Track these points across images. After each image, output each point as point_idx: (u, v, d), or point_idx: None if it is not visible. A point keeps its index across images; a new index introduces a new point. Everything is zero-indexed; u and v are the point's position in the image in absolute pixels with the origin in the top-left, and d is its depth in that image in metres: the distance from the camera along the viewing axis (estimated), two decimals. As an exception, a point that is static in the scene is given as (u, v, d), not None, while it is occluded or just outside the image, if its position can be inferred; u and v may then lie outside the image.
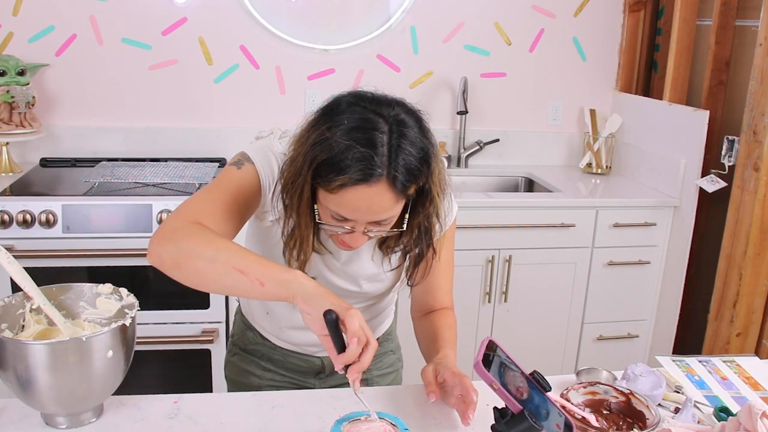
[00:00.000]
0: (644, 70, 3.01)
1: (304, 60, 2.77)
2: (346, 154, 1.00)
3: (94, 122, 2.69)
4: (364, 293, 1.28)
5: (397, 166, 1.01)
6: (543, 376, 1.03)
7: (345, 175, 1.00)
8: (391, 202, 1.04)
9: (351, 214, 1.05)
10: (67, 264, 2.19)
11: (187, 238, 1.02)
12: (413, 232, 1.16)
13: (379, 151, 1.00)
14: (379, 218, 1.06)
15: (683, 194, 2.56)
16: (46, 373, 0.98)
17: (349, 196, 1.02)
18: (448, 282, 1.34)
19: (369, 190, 1.01)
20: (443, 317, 1.31)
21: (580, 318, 2.67)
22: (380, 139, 1.01)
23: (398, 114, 1.05)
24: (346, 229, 1.08)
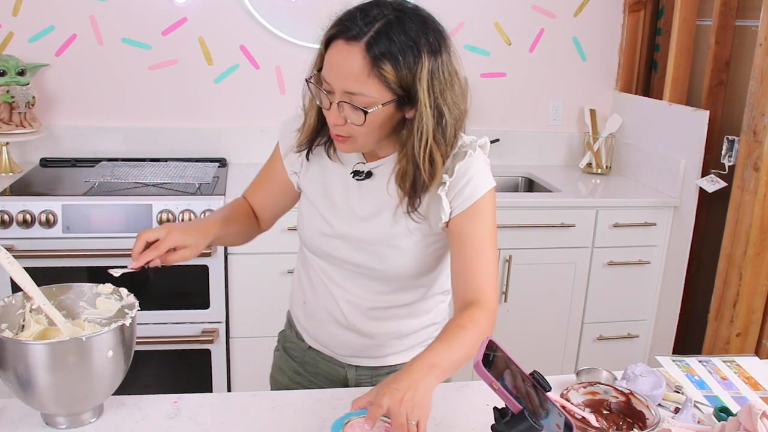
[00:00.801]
0: (644, 70, 3.01)
1: (304, 60, 2.74)
2: (342, 15, 1.09)
3: (94, 122, 2.69)
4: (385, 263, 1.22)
5: (378, 35, 1.04)
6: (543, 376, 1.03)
7: (334, 29, 1.07)
8: (362, 69, 1.04)
9: (328, 74, 1.08)
10: (67, 264, 2.19)
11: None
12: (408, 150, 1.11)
13: (369, 18, 1.05)
14: (349, 86, 1.06)
15: (683, 194, 2.56)
16: (46, 373, 0.98)
17: (331, 52, 1.07)
18: (485, 268, 1.16)
19: (347, 47, 1.05)
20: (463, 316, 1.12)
21: (580, 318, 2.67)
22: (376, 12, 1.06)
23: (407, 6, 1.09)
24: (328, 101, 1.10)
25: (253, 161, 2.81)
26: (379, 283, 1.26)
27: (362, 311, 1.28)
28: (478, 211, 1.17)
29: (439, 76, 1.08)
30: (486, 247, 1.18)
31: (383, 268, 1.23)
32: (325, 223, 1.25)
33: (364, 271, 1.25)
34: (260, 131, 2.80)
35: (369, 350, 1.32)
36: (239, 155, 2.80)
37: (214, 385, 2.42)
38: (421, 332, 1.34)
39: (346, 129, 1.11)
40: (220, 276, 2.31)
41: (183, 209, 2.22)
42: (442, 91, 1.09)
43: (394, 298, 1.28)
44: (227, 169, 2.68)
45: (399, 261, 1.22)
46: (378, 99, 1.07)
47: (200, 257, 2.25)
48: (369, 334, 1.30)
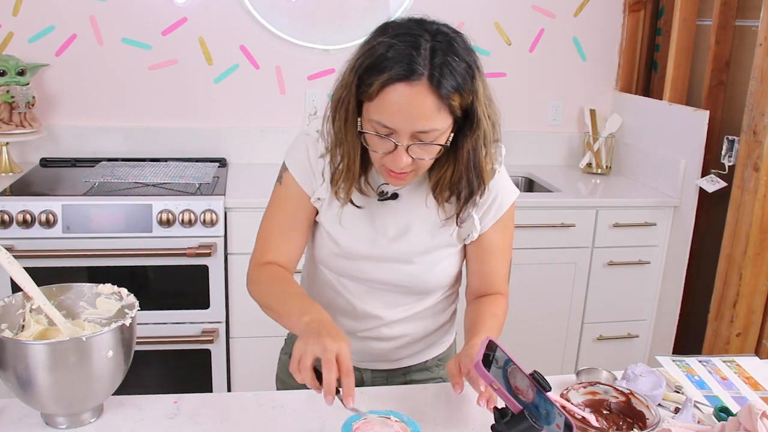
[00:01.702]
0: (644, 70, 3.01)
1: (304, 60, 2.77)
2: (387, 55, 1.00)
3: (94, 122, 2.69)
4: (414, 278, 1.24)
5: (441, 69, 1.00)
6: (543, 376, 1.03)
7: (385, 73, 1.00)
8: (432, 107, 1.01)
9: (392, 119, 1.02)
10: (67, 264, 2.19)
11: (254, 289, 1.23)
12: (462, 165, 1.12)
13: (422, 53, 1.00)
14: (420, 126, 1.02)
15: (683, 194, 2.56)
16: (46, 373, 0.98)
17: (390, 97, 1.01)
18: (503, 268, 1.29)
19: (409, 89, 1.00)
20: (491, 303, 1.25)
21: (580, 318, 2.67)
22: (423, 43, 1.01)
23: (443, 28, 1.05)
24: (389, 145, 1.05)
25: (252, 161, 2.81)
26: (405, 295, 1.27)
27: (384, 322, 1.29)
28: (503, 222, 1.25)
29: (486, 88, 1.10)
30: (506, 251, 1.29)
31: (413, 283, 1.25)
32: (345, 248, 1.22)
33: (391, 288, 1.25)
34: (260, 131, 2.80)
35: (386, 355, 1.33)
36: (239, 155, 2.80)
37: (214, 385, 2.42)
38: (435, 333, 1.36)
39: (413, 165, 1.09)
40: (220, 276, 2.31)
41: (183, 209, 2.22)
42: (490, 102, 1.11)
43: (416, 305, 1.29)
44: (227, 169, 2.68)
45: (429, 277, 1.25)
46: (446, 128, 1.06)
47: (200, 257, 2.25)
48: (388, 342, 1.31)
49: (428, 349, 1.37)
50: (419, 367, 1.38)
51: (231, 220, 2.29)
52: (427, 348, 1.37)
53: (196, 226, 2.23)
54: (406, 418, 1.03)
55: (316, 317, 1.07)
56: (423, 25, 1.04)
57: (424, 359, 1.38)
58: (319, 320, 1.06)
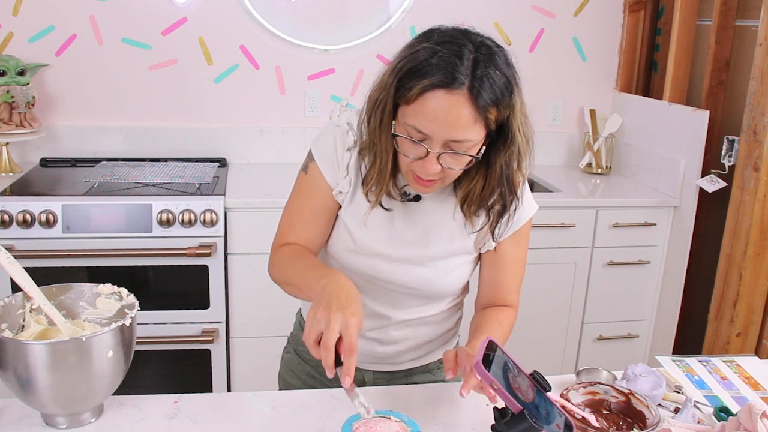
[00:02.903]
0: (644, 70, 3.01)
1: (304, 60, 2.77)
2: (430, 61, 1.00)
3: (94, 122, 2.69)
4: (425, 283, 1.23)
5: (481, 81, 1.00)
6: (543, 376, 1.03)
7: (426, 78, 1.00)
8: (469, 118, 1.01)
9: (428, 125, 1.02)
10: (67, 264, 2.19)
11: (274, 270, 1.22)
12: (494, 180, 1.12)
13: (464, 63, 1.00)
14: (455, 136, 1.02)
15: (683, 194, 2.56)
16: (46, 373, 0.98)
17: (429, 103, 1.01)
18: (515, 280, 1.30)
19: (449, 97, 1.00)
20: (498, 312, 1.27)
21: (580, 318, 2.67)
22: (467, 53, 1.01)
23: (486, 41, 1.05)
24: (421, 150, 1.05)
25: (252, 161, 2.81)
26: (416, 298, 1.27)
27: (391, 323, 1.29)
28: (520, 234, 1.26)
29: (523, 105, 1.10)
30: (520, 265, 1.31)
31: (425, 287, 1.25)
32: (361, 244, 1.22)
33: (402, 290, 1.25)
34: (260, 131, 2.80)
35: (390, 358, 1.34)
36: (239, 155, 2.80)
37: (214, 385, 2.42)
38: (439, 338, 1.36)
39: (441, 173, 1.08)
40: (220, 276, 2.31)
41: (183, 209, 2.22)
42: (526, 118, 1.11)
43: (424, 309, 1.29)
44: (227, 169, 2.68)
45: (442, 282, 1.25)
46: (479, 140, 1.06)
47: (200, 257, 2.25)
48: (394, 345, 1.31)
49: (431, 353, 1.37)
50: (421, 369, 1.38)
51: (231, 220, 2.29)
52: (430, 352, 1.37)
53: (196, 226, 2.23)
54: (406, 418, 1.03)
55: (333, 281, 1.04)
56: (468, 36, 1.04)
57: (426, 362, 1.38)
58: (335, 285, 1.03)
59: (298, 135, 2.80)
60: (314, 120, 2.81)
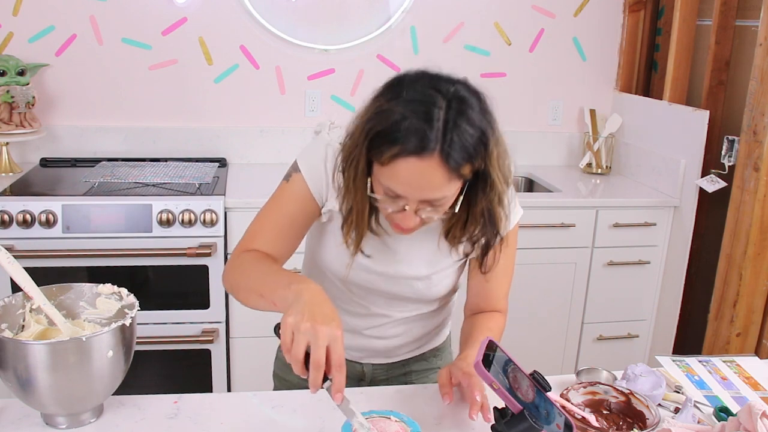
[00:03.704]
0: (644, 70, 3.01)
1: (304, 60, 2.77)
2: (399, 126, 0.99)
3: (94, 122, 2.69)
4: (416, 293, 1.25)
5: (452, 142, 0.99)
6: (543, 376, 1.03)
7: (397, 146, 0.99)
8: (443, 179, 1.01)
9: (402, 189, 1.03)
10: (67, 264, 2.19)
11: (233, 273, 1.16)
12: (477, 220, 1.13)
13: (434, 126, 0.98)
14: (430, 196, 1.03)
15: (683, 194, 2.56)
16: (46, 373, 0.98)
17: (401, 168, 1.00)
18: (504, 287, 1.31)
19: (421, 164, 0.99)
20: (487, 319, 1.28)
21: (580, 318, 2.67)
22: (436, 113, 0.99)
23: (459, 91, 1.02)
24: (398, 206, 1.06)
25: (252, 161, 2.81)
26: (413, 303, 1.29)
27: (389, 323, 1.31)
28: (507, 240, 1.25)
29: (501, 148, 1.08)
30: (509, 269, 1.31)
31: (419, 295, 1.27)
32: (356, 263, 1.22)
33: (396, 296, 1.27)
34: (260, 131, 2.80)
35: (388, 351, 1.36)
36: (239, 155, 2.80)
37: (214, 385, 2.42)
38: (434, 330, 1.40)
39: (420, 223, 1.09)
40: (220, 276, 2.30)
41: (183, 209, 2.22)
42: (504, 158, 1.10)
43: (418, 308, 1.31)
44: (227, 169, 2.68)
45: (437, 291, 1.27)
46: (456, 191, 1.06)
47: (200, 257, 2.25)
48: (391, 339, 1.34)
49: (426, 343, 1.41)
50: (417, 358, 1.42)
51: (231, 220, 2.29)
52: (425, 343, 1.41)
53: (196, 226, 2.23)
54: (406, 418, 1.03)
55: (306, 287, 0.99)
56: (438, 87, 1.02)
57: (421, 352, 1.42)
58: (311, 293, 0.98)
59: (298, 135, 2.80)
60: (314, 120, 2.81)
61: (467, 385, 1.09)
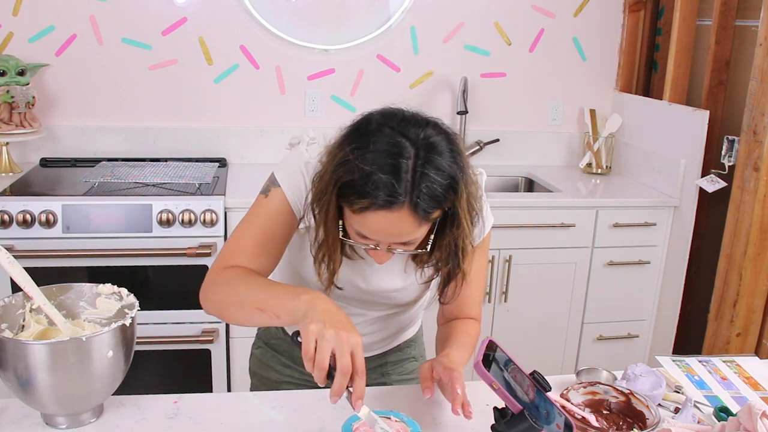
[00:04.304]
0: (644, 70, 3.01)
1: (304, 60, 2.77)
2: (367, 180, 0.98)
3: (94, 122, 2.69)
4: (391, 301, 1.28)
5: (420, 193, 0.99)
6: (543, 376, 1.03)
7: (366, 199, 0.99)
8: (413, 226, 1.03)
9: (373, 235, 1.05)
10: (67, 264, 2.19)
11: (218, 290, 1.13)
12: (443, 251, 1.14)
13: (402, 178, 0.98)
14: (400, 240, 1.06)
15: (683, 194, 2.56)
16: (46, 373, 0.98)
17: (371, 219, 1.02)
18: (477, 293, 1.31)
19: (390, 215, 1.00)
20: (464, 324, 1.29)
21: (580, 318, 2.67)
22: (404, 165, 0.99)
23: (429, 137, 1.02)
24: (370, 247, 1.08)
25: (252, 161, 2.81)
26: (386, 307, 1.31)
27: (363, 323, 1.32)
28: (480, 248, 1.26)
29: (470, 189, 1.09)
30: (481, 277, 1.31)
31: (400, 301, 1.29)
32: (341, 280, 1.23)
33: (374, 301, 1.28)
34: (260, 131, 2.80)
35: (367, 346, 1.36)
36: (239, 155, 2.80)
37: (214, 385, 2.42)
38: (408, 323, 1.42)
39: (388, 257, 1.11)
40: (220, 276, 2.31)
41: (183, 209, 2.22)
42: (473, 198, 1.11)
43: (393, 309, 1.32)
44: (227, 169, 2.68)
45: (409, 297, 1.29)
46: (425, 233, 1.08)
47: (200, 257, 2.25)
48: (367, 336, 1.34)
49: (401, 335, 1.43)
50: (393, 350, 1.44)
51: (231, 220, 2.29)
52: (399, 336, 1.43)
53: (196, 226, 2.23)
54: (406, 418, 1.03)
55: (317, 297, 1.00)
56: (406, 133, 1.01)
57: (397, 344, 1.44)
58: (323, 302, 0.99)
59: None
60: (314, 120, 2.81)
61: (448, 380, 1.09)
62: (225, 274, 1.13)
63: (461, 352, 1.21)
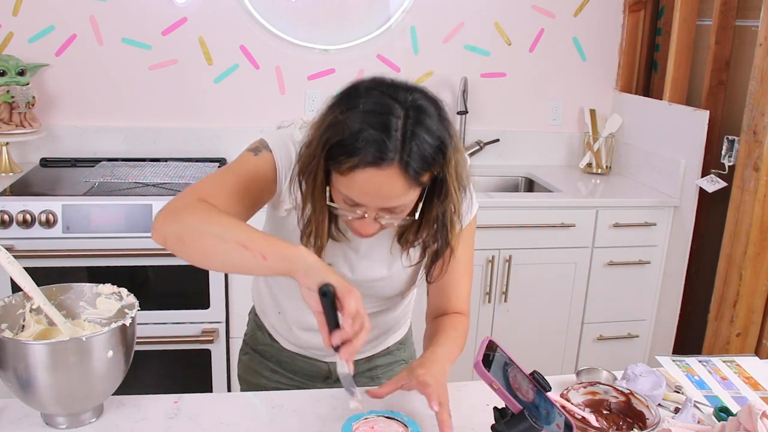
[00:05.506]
0: (644, 70, 3.01)
1: (304, 60, 2.77)
2: (357, 137, 0.98)
3: (94, 122, 2.69)
4: (377, 292, 1.26)
5: (410, 151, 0.98)
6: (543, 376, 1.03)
7: (356, 157, 0.98)
8: (402, 188, 1.01)
9: (361, 197, 1.02)
10: (67, 264, 2.19)
11: (192, 215, 1.03)
12: (430, 226, 1.13)
13: (392, 135, 0.97)
14: (389, 204, 1.03)
15: (683, 194, 2.56)
16: (46, 373, 0.98)
17: (359, 179, 1.00)
18: (463, 283, 1.28)
19: (380, 174, 0.98)
20: (451, 319, 1.26)
21: (580, 318, 2.67)
22: (394, 123, 0.98)
23: (416, 100, 1.02)
24: (358, 214, 1.05)
25: (253, 161, 2.80)
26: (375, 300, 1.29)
27: None
28: (465, 233, 1.24)
29: (458, 157, 1.08)
30: (467, 266, 1.28)
31: (380, 294, 1.27)
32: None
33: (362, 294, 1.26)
34: (260, 131, 2.80)
35: None
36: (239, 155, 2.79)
37: (214, 385, 2.42)
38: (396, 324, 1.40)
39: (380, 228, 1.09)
40: (220, 276, 2.31)
41: (183, 209, 2.22)
42: (462, 168, 1.10)
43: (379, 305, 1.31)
44: (227, 169, 2.67)
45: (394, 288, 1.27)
46: (415, 199, 1.06)
47: (200, 257, 2.24)
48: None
49: (389, 337, 1.42)
50: (382, 353, 1.42)
51: (231, 220, 2.28)
52: (388, 336, 1.41)
53: (196, 226, 2.23)
54: (406, 418, 1.03)
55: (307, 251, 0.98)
56: (396, 95, 1.01)
57: (386, 346, 1.42)
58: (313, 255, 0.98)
59: (298, 135, 2.80)
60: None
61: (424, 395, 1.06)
62: (201, 205, 1.04)
63: (449, 347, 1.19)
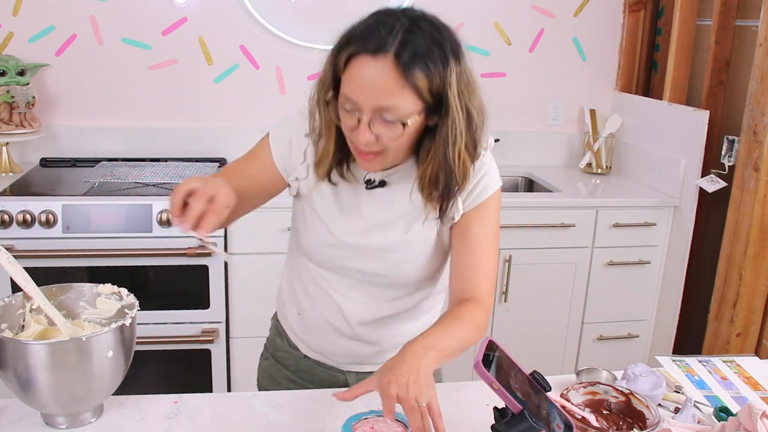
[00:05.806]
0: (644, 70, 3.01)
1: (304, 60, 2.77)
2: (358, 29, 1.05)
3: (94, 122, 2.69)
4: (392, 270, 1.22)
5: (406, 45, 1.01)
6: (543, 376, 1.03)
7: (355, 45, 1.03)
8: (396, 83, 1.01)
9: (355, 91, 1.03)
10: (67, 264, 2.19)
11: None
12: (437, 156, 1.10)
13: (393, 31, 1.02)
14: (383, 102, 1.02)
15: (683, 194, 2.56)
16: (46, 373, 0.98)
17: (355, 68, 1.03)
18: (482, 266, 1.18)
19: (374, 62, 1.01)
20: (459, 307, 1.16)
21: (580, 318, 2.67)
22: (398, 25, 1.02)
23: (428, 17, 1.06)
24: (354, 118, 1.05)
25: (253, 161, 2.81)
26: (388, 289, 1.26)
27: (370, 320, 1.27)
28: (485, 209, 1.20)
29: (465, 79, 1.07)
30: (488, 246, 1.20)
31: (396, 274, 1.23)
32: (333, 235, 1.21)
33: (374, 279, 1.24)
34: (260, 131, 2.76)
35: (372, 357, 1.32)
36: (239, 155, 2.79)
37: (214, 385, 2.42)
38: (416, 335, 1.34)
39: (378, 145, 1.07)
40: (220, 276, 2.31)
41: (183, 209, 2.22)
42: (470, 95, 1.08)
43: (401, 302, 1.28)
44: (227, 169, 2.67)
45: (413, 267, 1.23)
46: (412, 110, 1.04)
47: (200, 257, 2.25)
48: (374, 341, 1.30)
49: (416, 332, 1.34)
50: None
51: (231, 220, 2.28)
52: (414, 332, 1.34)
53: (196, 226, 2.23)
54: None
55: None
56: (408, 13, 1.06)
57: None
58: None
59: (298, 135, 2.80)
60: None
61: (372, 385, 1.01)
62: None
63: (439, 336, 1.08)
